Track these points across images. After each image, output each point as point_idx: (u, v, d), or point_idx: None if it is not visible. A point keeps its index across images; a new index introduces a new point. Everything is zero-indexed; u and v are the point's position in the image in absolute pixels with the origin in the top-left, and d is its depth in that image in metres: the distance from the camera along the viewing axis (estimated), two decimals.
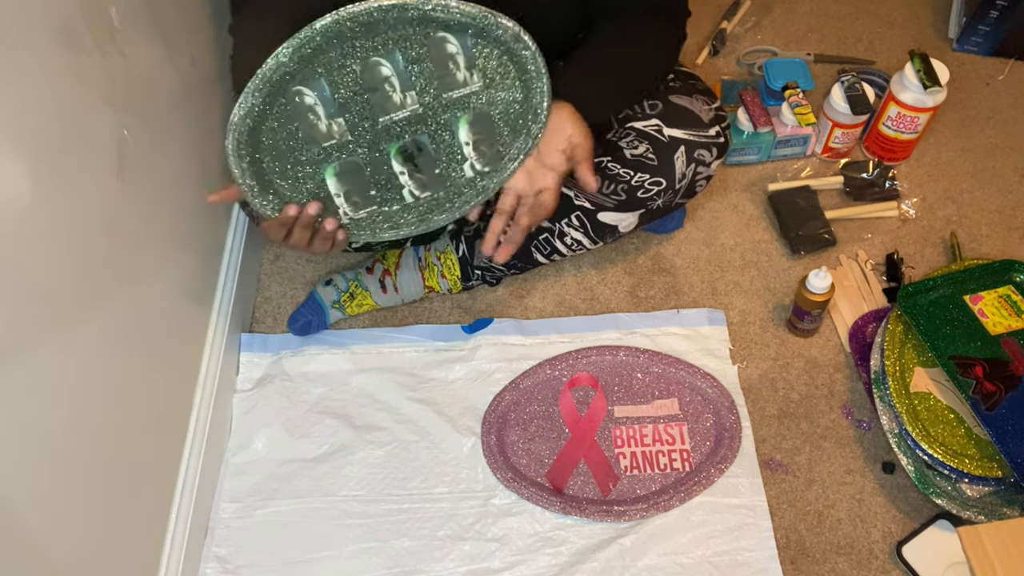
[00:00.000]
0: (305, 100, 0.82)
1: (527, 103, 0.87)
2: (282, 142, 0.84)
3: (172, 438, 0.99)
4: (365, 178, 0.88)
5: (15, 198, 0.70)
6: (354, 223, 0.90)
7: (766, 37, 1.54)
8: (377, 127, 0.86)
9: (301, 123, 0.83)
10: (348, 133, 0.85)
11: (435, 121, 0.87)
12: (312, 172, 0.86)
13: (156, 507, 0.95)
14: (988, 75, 1.47)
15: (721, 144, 1.07)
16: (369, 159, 0.87)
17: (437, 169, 0.90)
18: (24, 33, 0.71)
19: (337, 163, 0.86)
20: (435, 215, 0.92)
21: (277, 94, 0.81)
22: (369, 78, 0.83)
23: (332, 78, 0.82)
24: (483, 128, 0.88)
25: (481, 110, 0.87)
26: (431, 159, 0.89)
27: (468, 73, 0.85)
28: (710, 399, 1.12)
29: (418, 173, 0.89)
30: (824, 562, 1.01)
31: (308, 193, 0.87)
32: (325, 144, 0.85)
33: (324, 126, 0.84)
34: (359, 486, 1.06)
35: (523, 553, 1.01)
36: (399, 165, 0.89)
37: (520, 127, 0.88)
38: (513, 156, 0.89)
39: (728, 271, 1.26)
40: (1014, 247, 1.26)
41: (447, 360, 1.17)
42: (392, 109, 0.85)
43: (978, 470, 1.00)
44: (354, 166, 0.87)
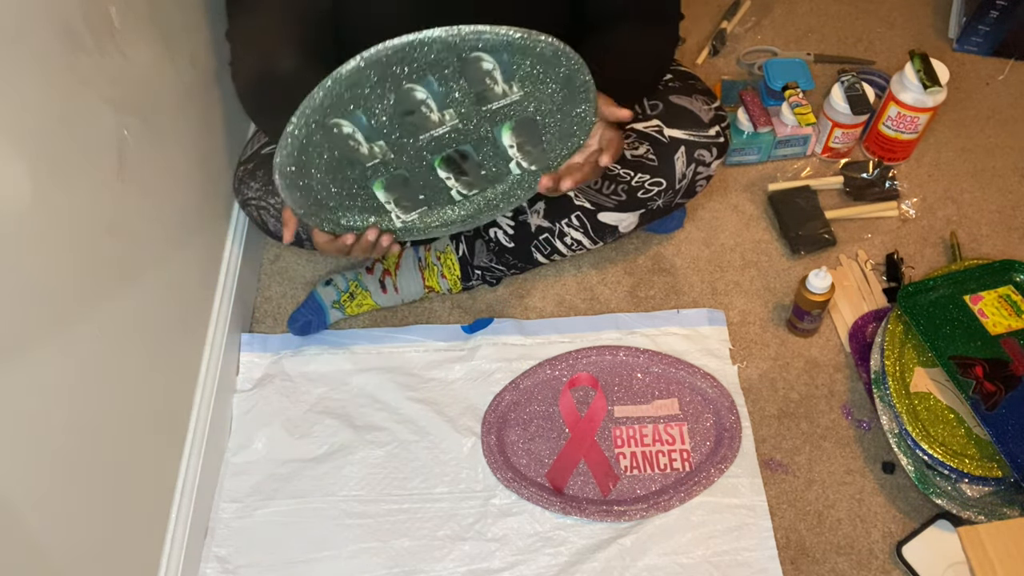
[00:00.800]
0: (344, 131, 0.83)
1: (570, 101, 0.85)
2: (326, 167, 0.84)
3: (172, 438, 0.99)
4: (412, 187, 0.89)
5: (15, 198, 0.70)
6: (405, 226, 0.91)
7: (766, 37, 1.54)
8: (419, 144, 0.86)
9: (342, 150, 0.84)
10: (390, 152, 0.86)
11: (477, 133, 0.87)
12: (360, 190, 0.87)
13: (156, 507, 0.95)
14: (988, 75, 1.47)
15: (721, 144, 1.07)
16: (414, 171, 0.88)
17: (483, 171, 0.90)
18: (24, 33, 0.71)
19: (384, 178, 0.87)
20: (484, 213, 0.93)
21: (315, 127, 0.81)
22: (405, 103, 0.83)
23: (368, 109, 0.82)
24: (527, 131, 0.87)
25: (523, 116, 0.86)
26: (476, 165, 0.89)
27: (507, 86, 0.84)
28: (710, 399, 1.12)
29: (464, 176, 0.90)
30: (824, 562, 1.01)
31: (360, 206, 0.88)
32: (369, 164, 0.86)
33: (366, 149, 0.85)
34: (359, 486, 1.06)
35: (523, 553, 1.01)
36: (444, 172, 0.89)
37: (564, 129, 0.88)
38: (560, 156, 0.89)
39: (728, 271, 1.26)
40: (1014, 247, 1.26)
41: (447, 360, 1.17)
42: (431, 127, 0.85)
43: (978, 470, 1.00)
44: (400, 178, 0.88)
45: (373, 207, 0.89)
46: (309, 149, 0.82)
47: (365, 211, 0.89)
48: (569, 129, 0.87)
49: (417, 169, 0.88)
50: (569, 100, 0.85)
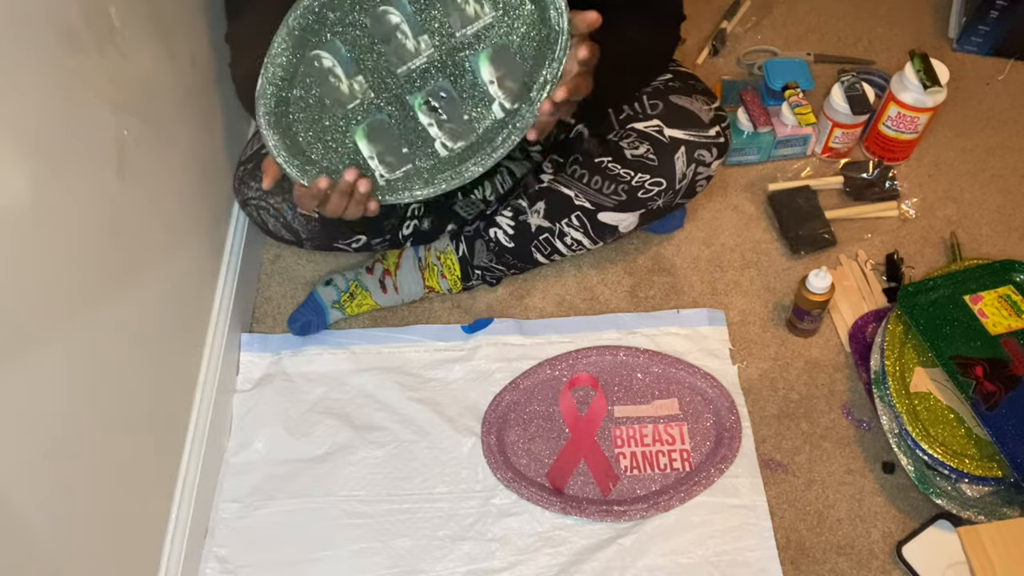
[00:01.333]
0: (324, 63, 0.83)
1: (544, 24, 0.82)
2: (310, 110, 0.85)
3: (172, 438, 0.99)
4: (395, 136, 0.87)
5: (15, 198, 0.70)
6: (390, 184, 0.87)
7: (766, 37, 1.54)
8: (398, 79, 0.85)
9: (323, 87, 0.84)
10: (370, 91, 0.85)
11: (454, 62, 0.84)
12: (342, 136, 0.86)
13: (156, 507, 0.95)
14: (988, 75, 1.47)
15: (721, 144, 1.07)
16: (396, 115, 0.86)
17: (465, 115, 0.86)
18: (24, 33, 0.71)
19: (365, 124, 0.86)
20: (470, 165, 0.87)
21: (297, 62, 0.83)
22: (380, 29, 0.83)
23: (345, 36, 0.83)
24: (504, 62, 0.84)
25: (499, 43, 0.84)
26: (456, 104, 0.86)
27: (479, 5, 0.83)
28: (710, 399, 1.12)
29: (447, 122, 0.86)
30: (824, 562, 1.01)
31: (341, 158, 0.86)
32: (350, 106, 0.85)
33: (346, 87, 0.84)
34: (359, 486, 1.06)
35: (523, 553, 1.01)
36: (426, 117, 0.86)
37: (542, 51, 0.83)
38: (540, 85, 0.84)
39: (728, 271, 1.26)
40: (1014, 247, 1.26)
41: (447, 360, 1.17)
42: (408, 57, 0.84)
43: (978, 470, 1.00)
44: (382, 125, 0.86)
45: (355, 162, 0.86)
46: (293, 83, 0.83)
47: (347, 166, 0.86)
48: (545, 52, 0.83)
49: (398, 114, 0.86)
50: (542, 16, 0.82)
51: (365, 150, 0.87)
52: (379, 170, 0.87)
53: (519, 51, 0.84)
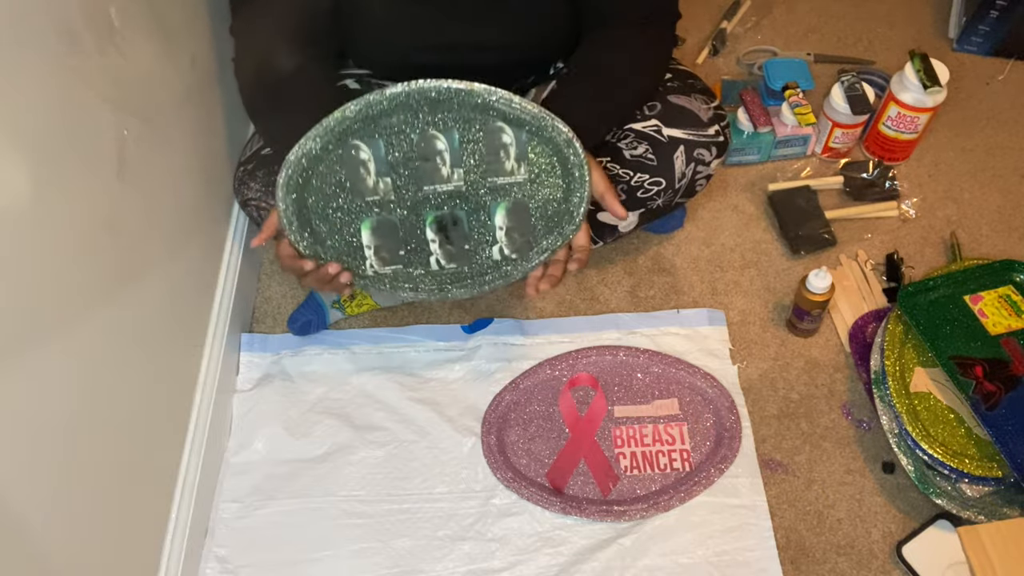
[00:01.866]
0: (360, 155, 0.88)
1: (566, 204, 0.90)
2: (328, 187, 0.89)
3: (172, 438, 0.99)
4: (398, 238, 0.92)
5: (15, 198, 0.70)
6: (377, 276, 0.94)
7: (766, 37, 1.54)
8: (420, 193, 0.90)
9: (350, 174, 0.88)
10: (392, 192, 0.90)
11: (476, 201, 0.91)
12: (350, 220, 0.91)
13: (156, 507, 0.95)
14: (988, 75, 1.47)
15: (720, 143, 1.07)
16: (406, 222, 0.92)
17: (467, 245, 0.93)
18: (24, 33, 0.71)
19: (375, 218, 0.91)
20: (454, 287, 0.95)
21: (335, 144, 0.87)
22: (424, 148, 0.88)
23: (390, 140, 0.87)
24: (519, 217, 0.92)
25: (521, 201, 0.91)
26: (463, 235, 0.93)
27: (516, 164, 0.89)
28: (710, 399, 1.12)
29: (448, 244, 0.93)
30: (824, 562, 1.01)
31: (343, 239, 0.91)
32: (369, 198, 0.90)
33: (371, 181, 0.89)
34: (359, 486, 1.06)
35: (523, 553, 1.01)
36: (432, 233, 0.93)
37: (554, 224, 0.91)
38: (541, 249, 0.92)
39: (728, 271, 1.26)
40: (1014, 247, 1.26)
41: (447, 360, 1.17)
42: (438, 180, 0.90)
43: (978, 470, 1.00)
44: (390, 225, 0.92)
45: (352, 246, 0.92)
46: (323, 159, 0.87)
47: (343, 248, 0.92)
48: (557, 225, 0.91)
49: (409, 221, 0.92)
50: (566, 196, 0.90)
51: (366, 239, 0.92)
52: (371, 261, 0.93)
53: (535, 214, 0.92)
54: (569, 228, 0.90)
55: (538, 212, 0.92)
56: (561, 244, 0.91)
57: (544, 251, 0.92)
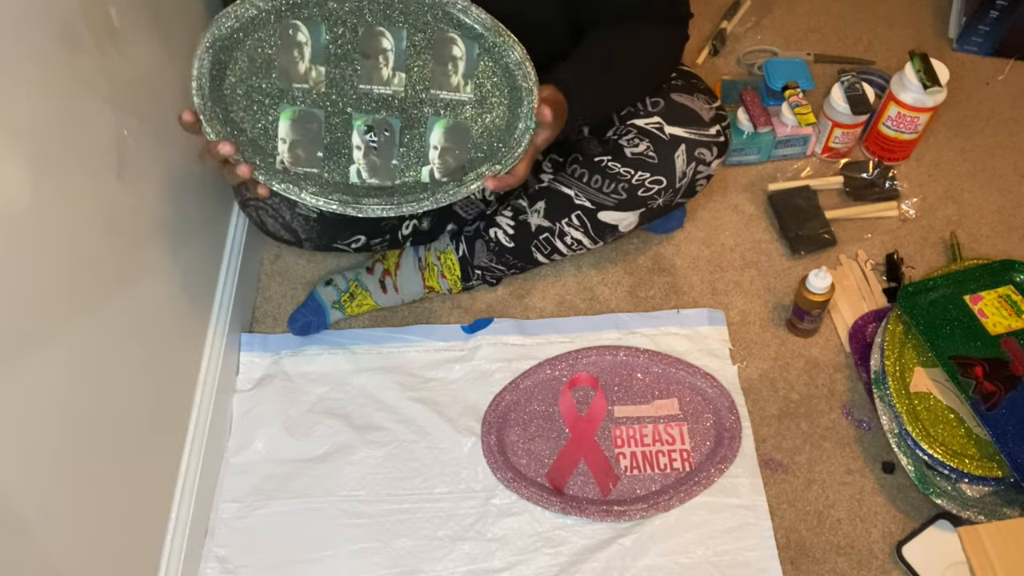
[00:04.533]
0: (297, 36, 0.80)
1: (508, 132, 0.85)
2: (255, 64, 0.81)
3: (172, 438, 0.99)
4: (318, 136, 0.84)
5: (15, 198, 0.70)
6: (284, 173, 0.84)
7: (766, 37, 1.54)
8: (354, 92, 0.83)
9: (283, 54, 0.81)
10: (323, 84, 0.82)
11: (413, 113, 0.84)
12: (269, 106, 0.83)
13: (156, 507, 0.95)
14: (988, 75, 1.47)
15: (721, 143, 1.07)
16: (332, 122, 0.84)
17: (395, 160, 0.85)
18: (24, 33, 0.71)
19: (297, 109, 0.83)
20: (372, 204, 0.85)
21: (274, 17, 0.80)
22: (367, 43, 0.81)
23: (333, 27, 0.80)
24: (457, 139, 0.85)
25: (461, 122, 0.85)
26: (392, 147, 0.85)
27: (463, 81, 0.83)
28: (710, 399, 1.12)
29: (374, 155, 0.85)
30: (824, 562, 1.01)
31: (255, 123, 0.83)
32: (296, 85, 0.82)
33: (303, 67, 0.82)
34: (359, 486, 1.06)
35: (523, 553, 1.01)
36: (359, 138, 0.84)
37: (493, 151, 0.85)
38: (474, 177, 0.86)
39: (728, 271, 1.26)
40: (1014, 247, 1.26)
41: (447, 360, 1.17)
42: (377, 82, 0.83)
43: (978, 470, 1.00)
44: (313, 119, 0.83)
45: (265, 135, 0.83)
46: (252, 31, 0.79)
47: (255, 135, 0.83)
48: (495, 153, 0.85)
49: (335, 122, 0.84)
50: (509, 126, 0.84)
51: (283, 131, 0.83)
52: (284, 155, 0.84)
53: (474, 139, 0.85)
54: (508, 159, 0.84)
55: (478, 137, 0.85)
56: (497, 173, 0.85)
57: (476, 179, 0.85)
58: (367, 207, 0.85)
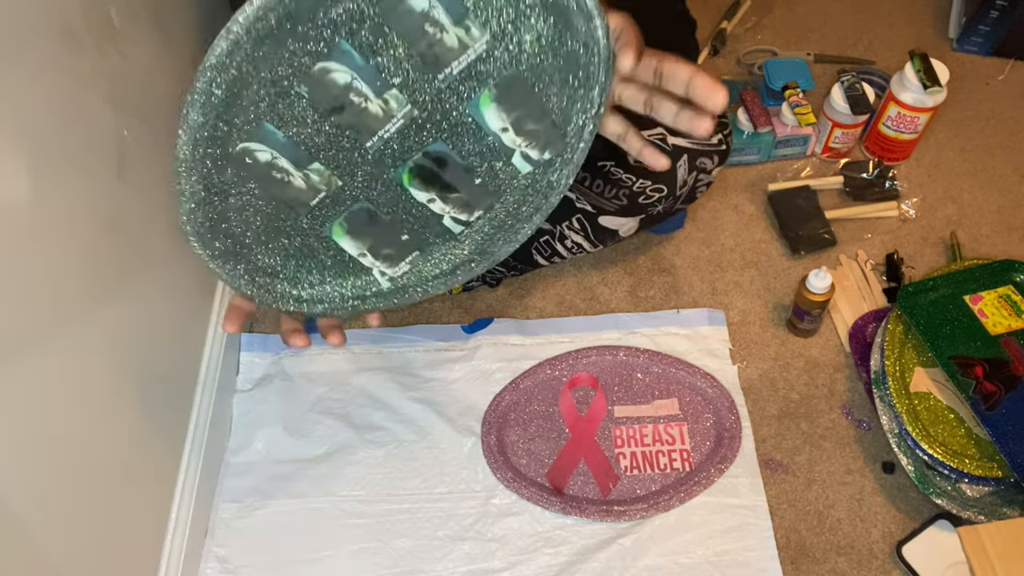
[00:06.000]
0: (259, 157, 0.59)
1: (568, 39, 0.56)
2: (258, 219, 0.62)
3: (172, 438, 0.99)
4: (386, 224, 0.64)
5: (14, 198, 0.70)
6: (396, 285, 0.66)
7: (766, 37, 1.54)
8: (369, 154, 0.60)
9: (269, 189, 0.59)
10: (336, 178, 0.61)
11: (444, 116, 0.59)
12: (315, 241, 0.63)
13: (156, 507, 0.95)
14: (988, 75, 1.47)
15: (723, 152, 1.07)
16: (382, 199, 0.62)
17: (477, 179, 0.63)
18: (24, 33, 0.71)
19: (342, 219, 0.63)
20: (497, 243, 0.64)
21: (221, 165, 0.60)
22: (324, 95, 0.57)
23: (273, 115, 0.58)
24: (517, 97, 0.58)
25: (505, 74, 0.58)
26: (461, 169, 0.62)
27: (462, 29, 0.56)
28: (710, 399, 1.12)
29: (453, 192, 0.63)
30: (824, 562, 1.01)
31: (325, 266, 0.66)
32: (313, 202, 0.61)
33: (300, 180, 0.60)
34: (359, 486, 1.06)
35: (523, 553, 1.01)
36: (422, 192, 0.62)
37: (572, 69, 0.57)
38: (581, 120, 0.58)
39: (728, 271, 1.26)
40: (1014, 247, 1.26)
41: (447, 360, 1.17)
42: (377, 125, 0.59)
43: (978, 470, 1.00)
44: (366, 215, 0.63)
45: (346, 265, 0.65)
46: (225, 193, 0.60)
47: (337, 273, 0.66)
48: (575, 67, 0.56)
49: (383, 195, 0.62)
50: (565, 26, 0.55)
51: (351, 248, 0.64)
52: (377, 267, 0.65)
53: (534, 75, 0.58)
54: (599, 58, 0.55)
55: (538, 71, 0.57)
56: (606, 84, 0.56)
57: (584, 125, 0.58)
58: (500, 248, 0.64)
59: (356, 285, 0.66)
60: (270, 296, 0.64)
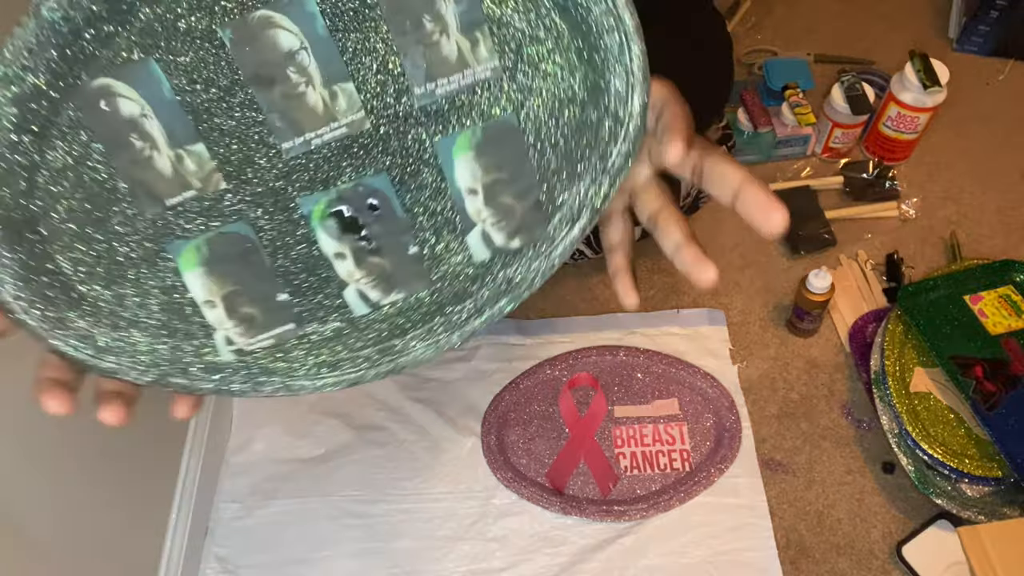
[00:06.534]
0: (121, 108, 0.38)
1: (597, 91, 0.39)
2: (78, 203, 0.40)
3: (172, 438, 0.99)
4: (266, 269, 0.42)
5: None
6: (241, 364, 0.44)
7: (766, 37, 1.54)
8: (283, 162, 0.41)
9: (115, 158, 0.39)
10: (221, 177, 0.41)
11: (403, 144, 0.41)
12: (147, 260, 0.41)
13: (156, 507, 0.95)
14: (988, 75, 1.47)
15: None
16: (271, 229, 0.42)
17: (412, 246, 0.43)
18: None
19: (203, 241, 0.41)
20: (412, 340, 0.43)
21: (58, 97, 0.38)
22: (251, 55, 0.38)
23: (172, 53, 0.38)
24: (504, 155, 0.41)
25: (500, 118, 0.41)
26: (397, 225, 0.42)
27: (468, 41, 0.39)
28: (710, 399, 1.12)
29: (373, 255, 0.42)
30: (824, 562, 1.01)
31: (147, 301, 0.42)
32: (172, 201, 0.40)
33: (166, 162, 0.39)
34: (359, 486, 1.06)
35: (523, 553, 1.01)
36: (332, 241, 0.42)
37: (586, 142, 0.40)
38: (577, 211, 0.42)
39: (728, 271, 1.26)
40: (1014, 247, 1.26)
41: (447, 360, 1.17)
42: (310, 123, 0.40)
43: (978, 470, 1.00)
44: (240, 245, 0.42)
45: (178, 311, 0.42)
46: (46, 142, 0.38)
47: (160, 321, 0.43)
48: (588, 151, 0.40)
49: (277, 226, 0.42)
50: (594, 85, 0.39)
51: (199, 290, 0.42)
52: (226, 329, 0.43)
53: (536, 135, 0.41)
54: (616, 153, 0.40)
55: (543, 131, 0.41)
56: (607, 193, 0.41)
57: (578, 219, 0.42)
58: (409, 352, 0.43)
59: (179, 346, 0.43)
60: (50, 327, 0.42)
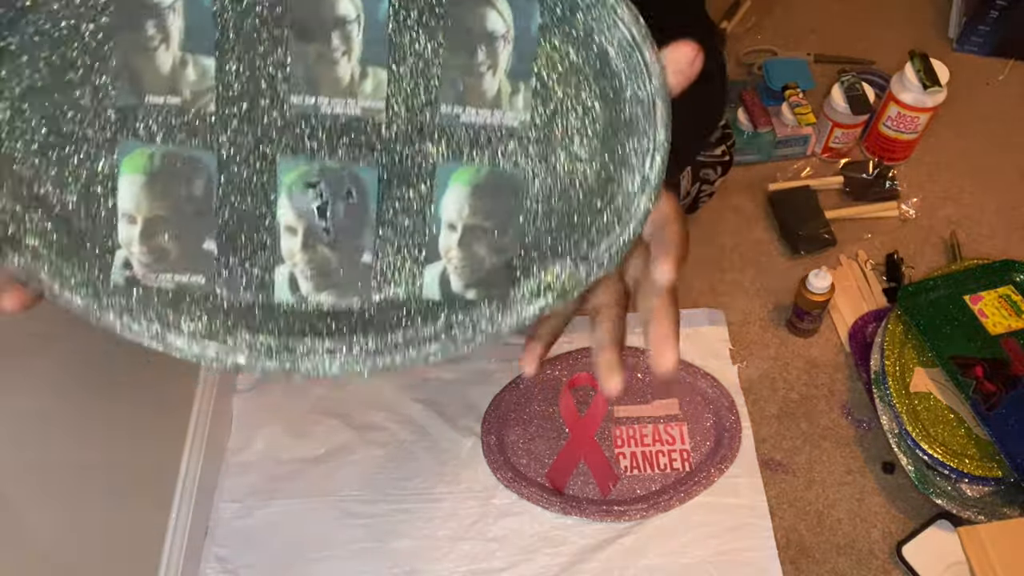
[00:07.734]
0: None
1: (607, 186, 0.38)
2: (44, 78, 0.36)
3: (172, 438, 0.99)
4: (205, 208, 0.39)
5: None
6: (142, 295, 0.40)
7: (766, 37, 1.54)
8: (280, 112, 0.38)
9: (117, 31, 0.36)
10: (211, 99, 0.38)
11: (406, 153, 0.39)
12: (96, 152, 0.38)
13: (156, 507, 0.95)
14: (988, 75, 1.47)
15: (726, 163, 1.07)
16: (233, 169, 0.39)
17: (366, 253, 0.40)
18: None
19: (158, 152, 0.38)
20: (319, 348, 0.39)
21: None
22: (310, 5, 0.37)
23: None
24: (498, 207, 0.39)
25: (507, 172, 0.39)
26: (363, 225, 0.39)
27: (510, 86, 0.38)
28: (710, 399, 1.12)
29: (323, 245, 0.39)
30: (824, 562, 1.01)
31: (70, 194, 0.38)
32: (152, 100, 0.37)
33: (168, 58, 0.37)
34: (359, 486, 1.06)
35: (523, 553, 1.01)
36: (291, 213, 0.39)
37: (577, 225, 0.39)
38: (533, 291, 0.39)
39: (728, 271, 1.26)
40: (1014, 247, 1.26)
41: (447, 360, 1.16)
42: (329, 89, 0.38)
43: (978, 470, 1.00)
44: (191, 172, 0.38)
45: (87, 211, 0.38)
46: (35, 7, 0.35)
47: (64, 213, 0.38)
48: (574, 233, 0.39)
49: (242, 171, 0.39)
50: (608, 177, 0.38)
51: (126, 200, 0.38)
52: (132, 250, 0.39)
53: (535, 201, 0.39)
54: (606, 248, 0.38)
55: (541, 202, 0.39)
56: (581, 281, 0.38)
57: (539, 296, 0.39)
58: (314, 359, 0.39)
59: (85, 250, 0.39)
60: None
